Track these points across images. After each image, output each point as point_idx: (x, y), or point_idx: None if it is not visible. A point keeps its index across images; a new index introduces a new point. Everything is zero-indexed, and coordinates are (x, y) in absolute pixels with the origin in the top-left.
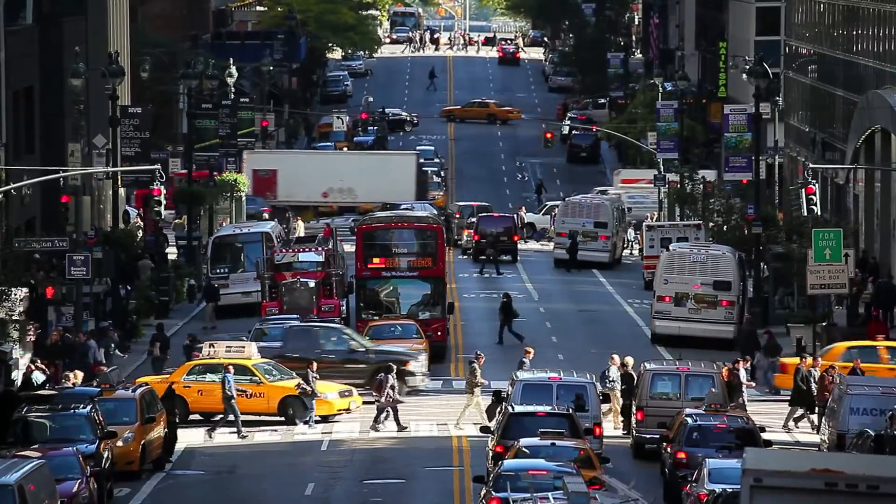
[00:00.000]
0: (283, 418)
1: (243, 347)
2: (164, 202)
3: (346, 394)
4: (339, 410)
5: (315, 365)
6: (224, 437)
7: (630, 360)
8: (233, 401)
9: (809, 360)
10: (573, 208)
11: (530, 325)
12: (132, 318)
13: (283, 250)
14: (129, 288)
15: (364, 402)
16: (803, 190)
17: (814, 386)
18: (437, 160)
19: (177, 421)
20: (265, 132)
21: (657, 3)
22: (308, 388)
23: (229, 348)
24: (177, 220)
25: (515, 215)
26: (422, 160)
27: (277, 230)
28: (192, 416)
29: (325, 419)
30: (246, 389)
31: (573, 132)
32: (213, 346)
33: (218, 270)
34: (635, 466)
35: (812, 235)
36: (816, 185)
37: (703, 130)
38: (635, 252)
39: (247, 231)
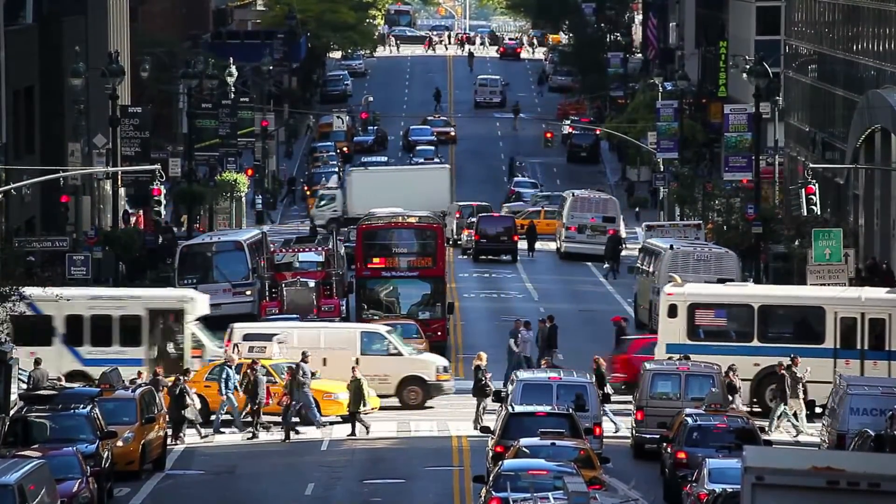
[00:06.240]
0: (297, 419)
1: (265, 347)
2: (164, 202)
3: None
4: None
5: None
6: (224, 436)
7: None
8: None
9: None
10: (582, 203)
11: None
12: None
13: (283, 250)
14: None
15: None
16: (803, 190)
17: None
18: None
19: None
20: (265, 132)
21: (657, 3)
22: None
23: (252, 348)
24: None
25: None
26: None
27: (256, 239)
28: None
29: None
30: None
31: (573, 132)
32: (237, 346)
33: (185, 281)
34: (635, 466)
35: (812, 235)
36: (816, 185)
37: (703, 130)
38: None
39: (218, 240)
